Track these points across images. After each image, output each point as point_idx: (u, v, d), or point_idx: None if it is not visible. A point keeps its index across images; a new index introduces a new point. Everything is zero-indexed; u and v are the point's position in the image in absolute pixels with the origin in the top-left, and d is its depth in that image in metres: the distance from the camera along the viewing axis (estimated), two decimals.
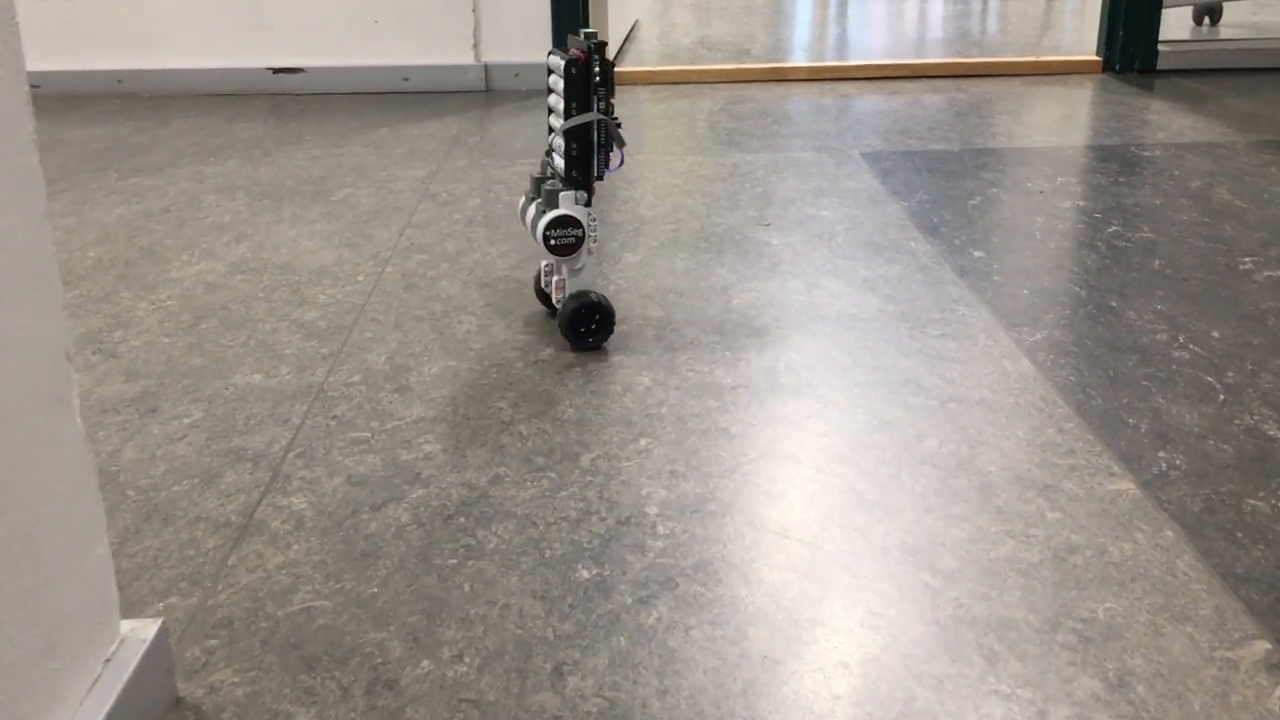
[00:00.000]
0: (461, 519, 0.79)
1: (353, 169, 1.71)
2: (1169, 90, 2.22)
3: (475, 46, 2.27)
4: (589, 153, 1.03)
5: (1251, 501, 0.80)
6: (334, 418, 0.94)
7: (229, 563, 0.74)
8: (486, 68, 2.27)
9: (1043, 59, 2.44)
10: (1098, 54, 2.44)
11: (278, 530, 0.78)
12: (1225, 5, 3.17)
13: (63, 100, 2.25)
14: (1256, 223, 1.39)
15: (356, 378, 1.01)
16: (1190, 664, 0.64)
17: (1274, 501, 0.80)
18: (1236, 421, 0.91)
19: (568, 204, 1.03)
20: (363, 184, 1.63)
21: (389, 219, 1.47)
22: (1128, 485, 0.82)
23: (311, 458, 0.88)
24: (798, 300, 1.17)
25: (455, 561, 0.74)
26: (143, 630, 0.58)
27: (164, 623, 0.59)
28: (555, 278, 1.07)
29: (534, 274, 1.09)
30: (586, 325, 1.05)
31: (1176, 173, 1.62)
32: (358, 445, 0.89)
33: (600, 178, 1.06)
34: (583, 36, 1.02)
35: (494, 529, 0.78)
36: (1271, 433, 0.89)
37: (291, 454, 0.88)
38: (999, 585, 0.71)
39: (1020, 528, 0.77)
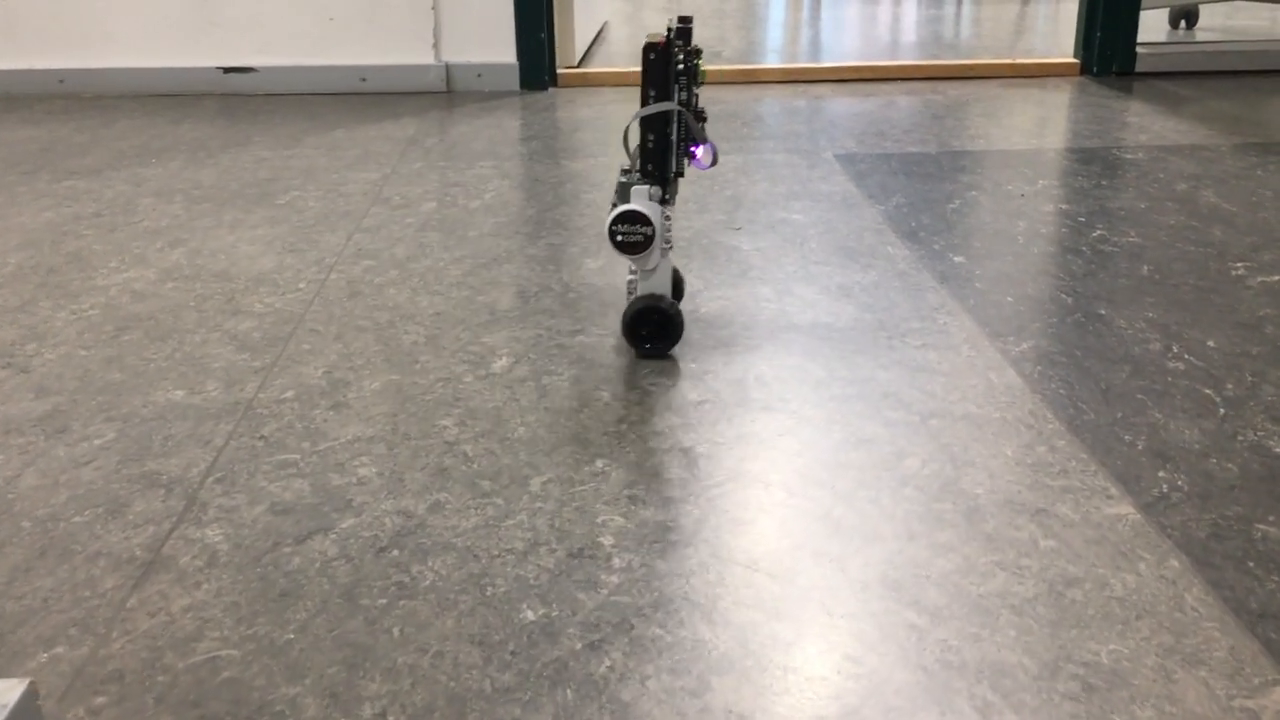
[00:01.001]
0: (395, 552, 0.71)
1: (302, 172, 1.63)
2: (1148, 92, 2.16)
3: (435, 46, 2.19)
4: (665, 146, 0.96)
5: (1261, 527, 0.73)
6: (261, 438, 0.86)
7: (128, 605, 0.66)
8: (448, 68, 2.19)
9: (1019, 61, 2.38)
10: (1075, 56, 2.38)
11: (187, 567, 0.70)
12: (1202, 9, 3.13)
13: (2, 101, 2.15)
14: (1246, 227, 1.33)
15: (289, 394, 0.93)
16: (1207, 715, 0.57)
17: None
18: (1239, 437, 0.84)
19: (639, 199, 0.95)
20: (311, 187, 1.55)
21: (337, 223, 1.38)
22: (1127, 509, 0.75)
23: (232, 483, 0.79)
24: (768, 308, 1.10)
25: (385, 602, 0.66)
26: (5, 694, 0.50)
27: (33, 684, 0.51)
28: (629, 278, 1.00)
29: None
30: (647, 330, 0.98)
31: (1161, 175, 1.56)
32: (285, 469, 0.81)
33: (680, 174, 0.99)
34: (677, 21, 0.96)
35: (431, 563, 0.70)
36: (1278, 449, 0.82)
37: (210, 479, 0.80)
38: (991, 624, 0.64)
39: (1012, 558, 0.70)
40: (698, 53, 0.97)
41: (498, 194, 1.51)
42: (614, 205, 0.96)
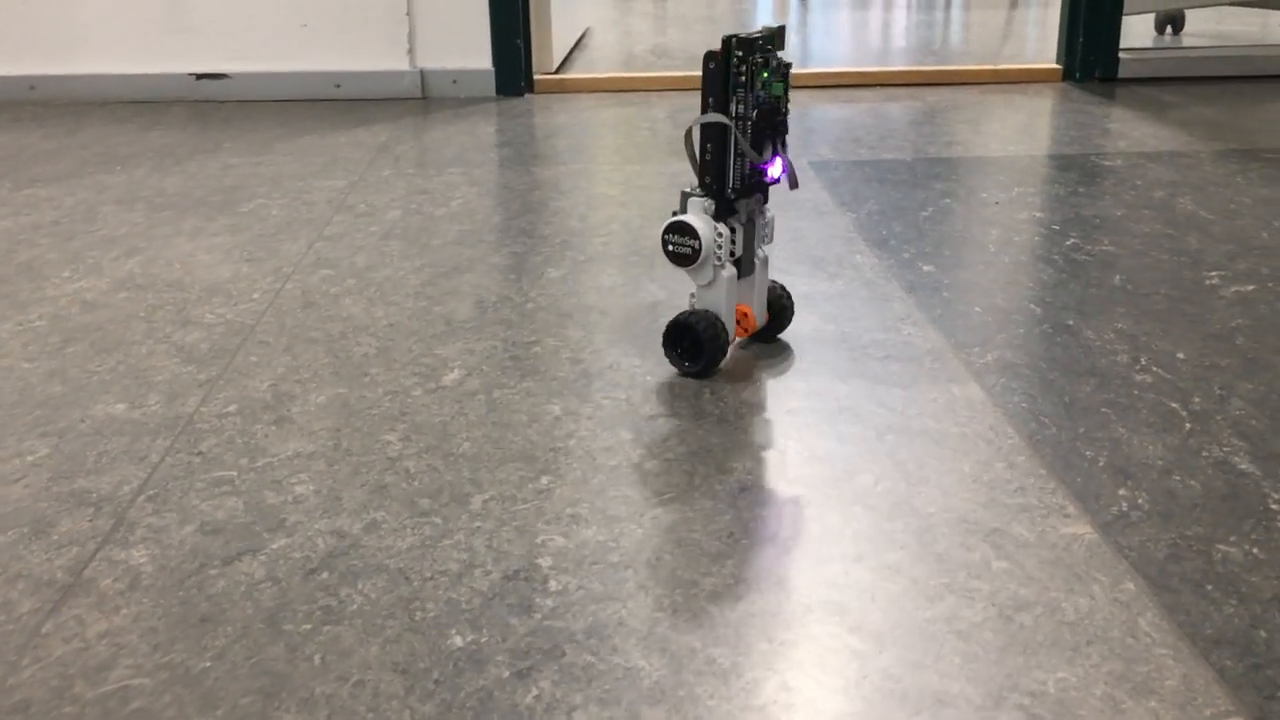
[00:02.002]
0: (324, 574, 0.69)
1: (268, 179, 1.61)
2: (1130, 98, 2.14)
3: (410, 52, 2.16)
4: (723, 159, 0.92)
5: (1222, 548, 0.71)
6: (198, 454, 0.83)
7: (43, 631, 0.64)
8: (422, 74, 2.17)
9: (1002, 67, 2.36)
10: (1058, 62, 2.36)
11: (108, 590, 0.67)
12: (1188, 14, 3.12)
13: None
14: (1222, 235, 1.31)
15: (232, 408, 0.91)
16: None
17: (1247, 547, 0.71)
18: (1204, 454, 0.82)
19: (694, 210, 0.93)
20: (276, 194, 1.52)
21: (298, 232, 1.36)
22: (1084, 529, 0.73)
23: (164, 501, 0.77)
24: None
25: (309, 627, 0.64)
26: None
27: None
28: (692, 291, 0.98)
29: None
30: (682, 346, 0.96)
31: (1138, 183, 1.54)
32: (219, 486, 0.79)
33: (748, 191, 0.94)
34: (761, 29, 0.92)
35: (360, 586, 0.68)
36: (1243, 466, 0.80)
37: (142, 497, 0.77)
38: (935, 651, 0.62)
39: (962, 580, 0.68)
40: (769, 65, 0.91)
41: (464, 201, 1.48)
42: (674, 213, 0.94)
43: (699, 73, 2.34)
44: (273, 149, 1.79)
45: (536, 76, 2.25)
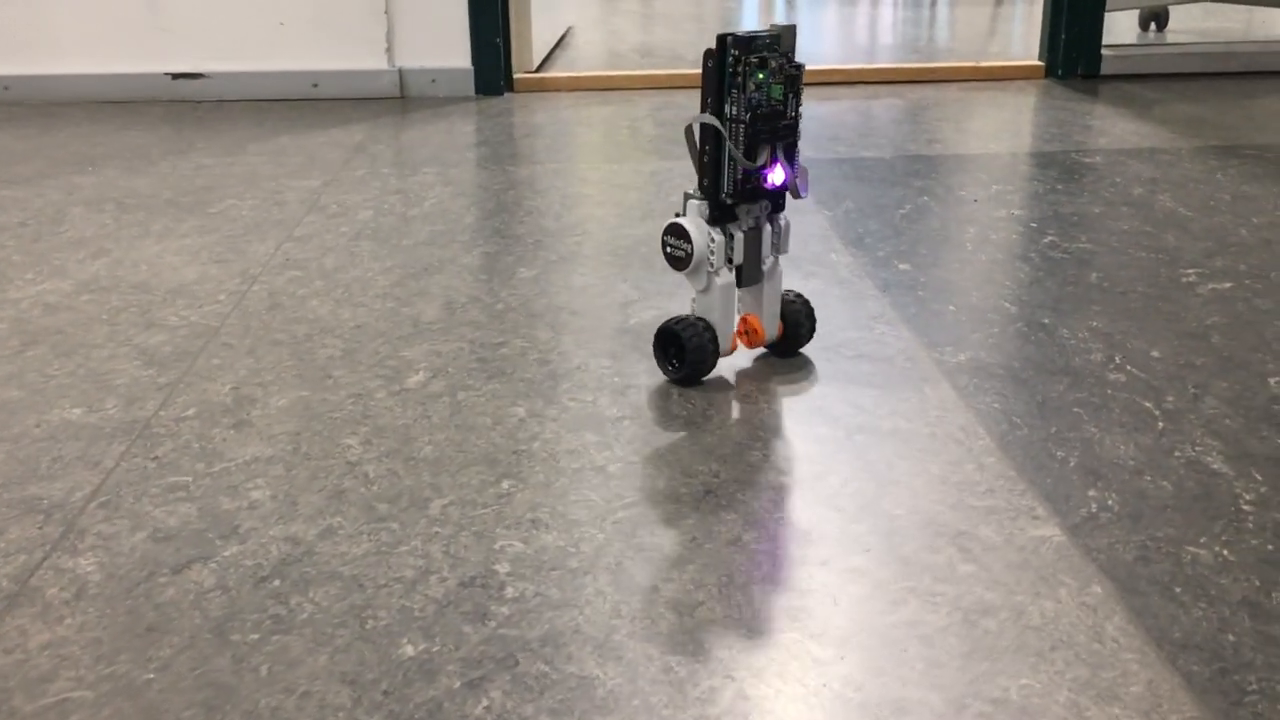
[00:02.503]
0: (276, 582, 0.67)
1: (241, 179, 1.59)
2: (1113, 95, 2.14)
3: (389, 51, 2.15)
4: (719, 161, 0.87)
5: (1192, 549, 0.69)
6: (154, 459, 0.82)
7: None
8: (401, 73, 2.16)
9: (984, 64, 2.35)
10: (1041, 59, 2.35)
11: (53, 599, 0.66)
12: (1174, 11, 3.11)
13: None
14: (1200, 232, 1.30)
15: (191, 411, 0.89)
16: None
17: (1217, 549, 0.69)
18: (1176, 453, 0.81)
19: (691, 214, 0.90)
20: (248, 195, 1.51)
21: (268, 232, 1.34)
22: (1052, 530, 0.72)
23: (116, 508, 0.75)
24: None
25: (257, 637, 0.62)
26: None
27: None
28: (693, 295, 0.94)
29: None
30: (671, 351, 0.93)
31: (1118, 180, 1.53)
32: (174, 492, 0.77)
33: (730, 197, 0.88)
34: (770, 28, 0.88)
35: (312, 594, 0.66)
36: (1215, 466, 0.79)
37: (94, 504, 0.76)
38: (897, 657, 0.60)
39: (927, 584, 0.66)
40: (766, 65, 0.86)
41: (438, 201, 1.47)
42: (676, 214, 0.91)
43: (683, 71, 2.33)
44: (247, 149, 1.77)
45: (516, 75, 2.24)
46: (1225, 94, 2.13)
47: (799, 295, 0.97)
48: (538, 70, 2.35)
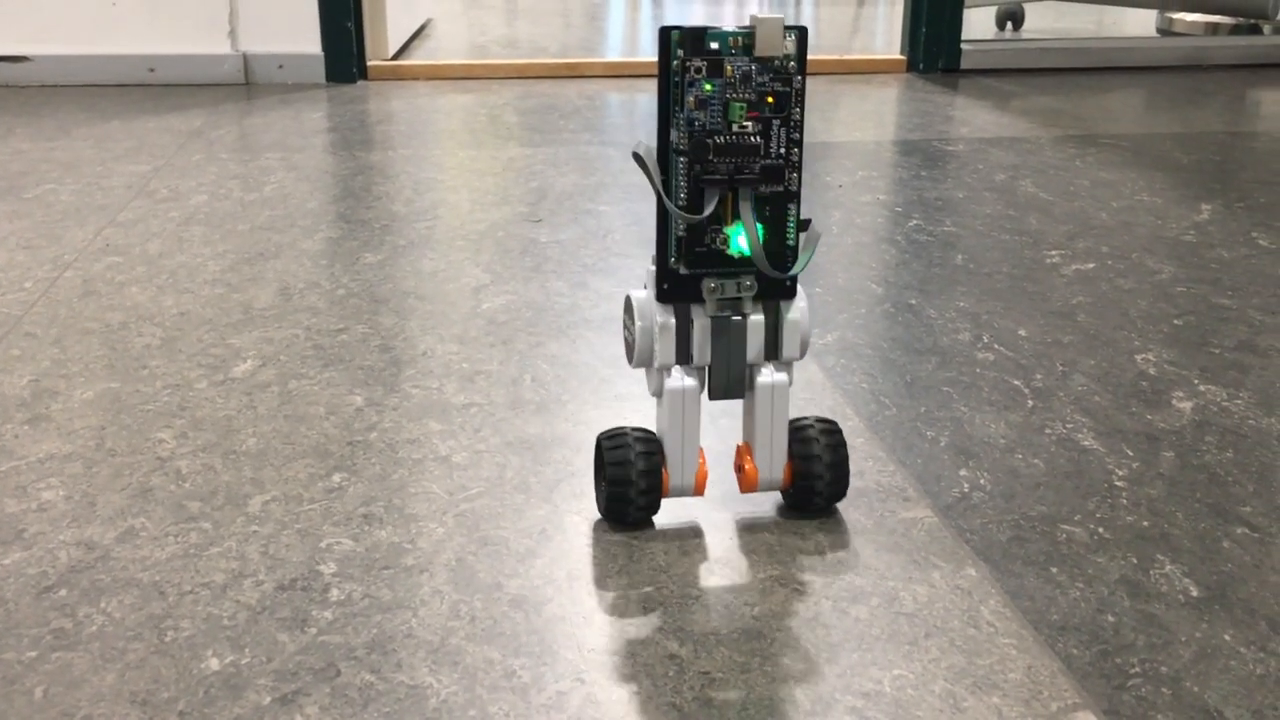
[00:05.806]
0: (62, 591, 0.59)
1: (63, 164, 1.47)
2: (973, 88, 2.15)
3: (232, 34, 2.03)
4: (664, 211, 0.60)
5: (1066, 527, 0.66)
6: None
7: None
8: (245, 58, 2.04)
9: (847, 58, 2.35)
10: (902, 53, 2.36)
11: None
12: (1027, 11, 3.17)
13: None
14: (1062, 215, 1.29)
15: None
16: None
17: (1092, 526, 0.66)
18: (1047, 431, 0.78)
19: (649, 282, 0.62)
20: (69, 180, 1.39)
21: (87, 218, 1.23)
22: (924, 512, 0.68)
23: None
24: (560, 303, 1.00)
25: (35, 654, 0.54)
26: None
27: None
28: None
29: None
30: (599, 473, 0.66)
31: (980, 167, 1.53)
32: None
33: (690, 263, 0.61)
34: (750, 20, 0.60)
35: (104, 604, 0.58)
36: (1086, 443, 0.76)
37: None
38: (762, 651, 0.55)
39: (794, 572, 0.61)
40: (721, 73, 0.60)
41: (279, 186, 1.38)
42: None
43: (540, 60, 2.26)
44: (70, 134, 1.65)
45: (370, 63, 2.15)
46: (1080, 87, 2.16)
47: (827, 426, 0.66)
48: (394, 59, 2.26)
